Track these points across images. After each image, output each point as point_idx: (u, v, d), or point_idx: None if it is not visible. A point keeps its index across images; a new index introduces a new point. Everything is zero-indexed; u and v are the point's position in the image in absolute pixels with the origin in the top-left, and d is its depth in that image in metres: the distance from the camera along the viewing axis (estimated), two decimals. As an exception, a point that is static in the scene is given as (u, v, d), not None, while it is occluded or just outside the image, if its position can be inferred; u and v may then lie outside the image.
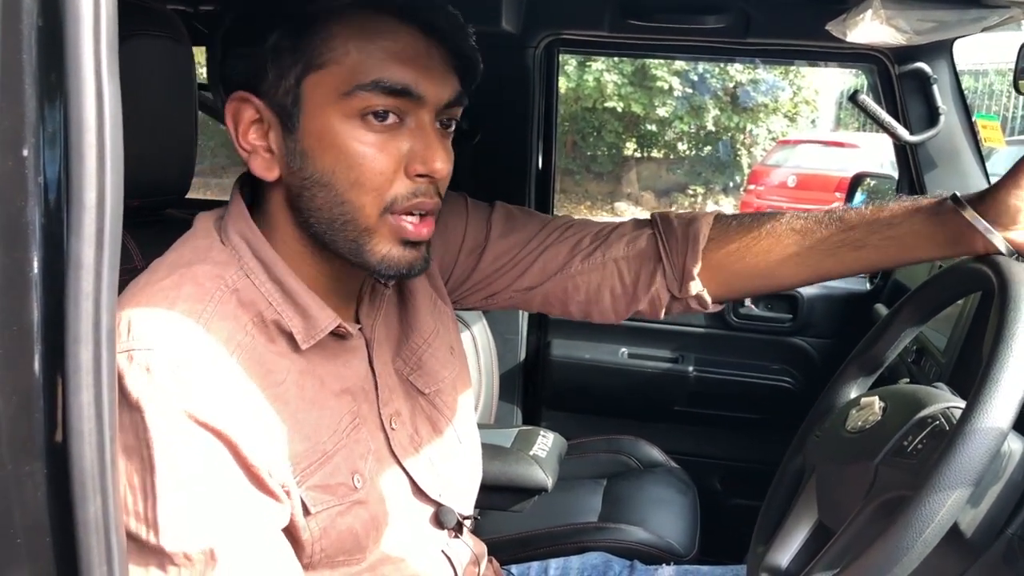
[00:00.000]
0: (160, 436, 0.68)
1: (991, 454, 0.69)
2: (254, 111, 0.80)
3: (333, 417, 0.83)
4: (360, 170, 0.78)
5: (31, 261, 0.52)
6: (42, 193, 0.52)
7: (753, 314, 2.17)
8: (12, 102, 0.50)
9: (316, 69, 0.77)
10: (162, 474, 0.69)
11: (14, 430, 0.53)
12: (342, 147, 0.78)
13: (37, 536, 0.54)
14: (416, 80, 0.78)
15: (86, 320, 0.53)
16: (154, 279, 0.77)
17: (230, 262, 0.80)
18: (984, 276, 0.83)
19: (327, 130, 0.78)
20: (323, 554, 0.81)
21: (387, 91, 0.77)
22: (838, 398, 1.02)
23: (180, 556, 0.69)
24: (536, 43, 2.09)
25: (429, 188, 0.81)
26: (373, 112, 0.77)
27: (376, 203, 0.79)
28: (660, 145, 12.63)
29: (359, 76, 0.76)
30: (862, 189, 2.25)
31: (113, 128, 0.52)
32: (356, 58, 0.76)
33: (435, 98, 0.80)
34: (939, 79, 1.86)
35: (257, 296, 0.80)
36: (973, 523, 0.76)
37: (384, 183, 0.79)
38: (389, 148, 0.78)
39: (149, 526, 0.69)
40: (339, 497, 0.81)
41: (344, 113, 0.77)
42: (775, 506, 0.99)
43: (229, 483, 0.72)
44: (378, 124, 0.78)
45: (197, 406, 0.70)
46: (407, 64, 0.77)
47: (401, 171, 0.79)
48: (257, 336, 0.78)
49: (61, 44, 0.50)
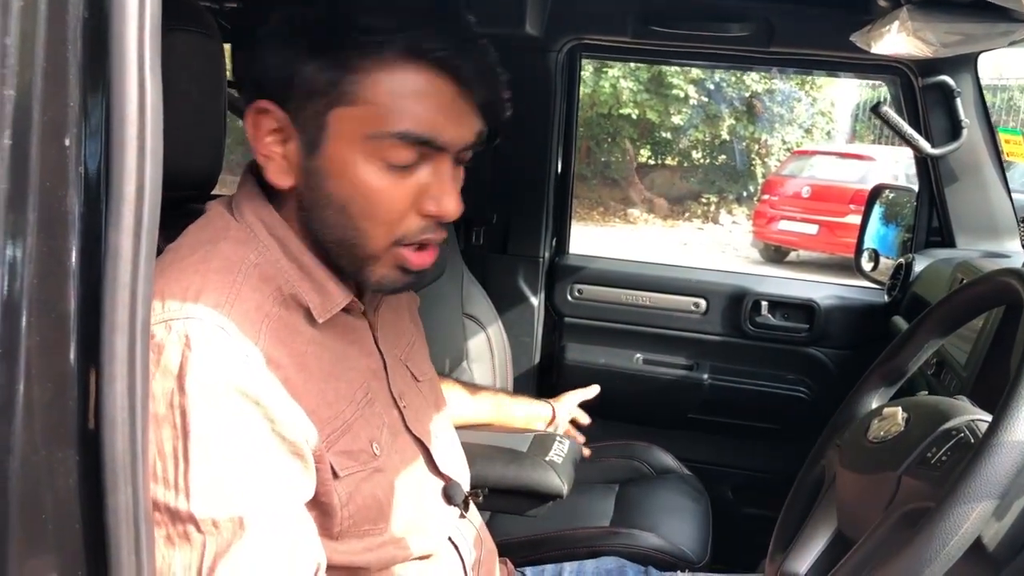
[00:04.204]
0: (197, 404, 0.70)
1: (1017, 467, 0.68)
2: (275, 121, 0.81)
3: (350, 388, 0.86)
4: (375, 205, 0.80)
5: (69, 250, 0.53)
6: (82, 183, 0.53)
7: (769, 323, 2.16)
8: (56, 93, 0.51)
9: (347, 104, 0.78)
10: (196, 441, 0.70)
11: (48, 417, 0.53)
12: (360, 181, 0.80)
13: (67, 522, 0.55)
14: (442, 130, 0.79)
15: (122, 310, 0.53)
16: (179, 257, 0.79)
17: (248, 240, 0.82)
18: (1012, 289, 0.83)
19: (348, 162, 0.79)
20: (351, 520, 0.83)
21: (412, 141, 0.78)
22: (860, 407, 1.01)
23: (208, 523, 0.70)
24: (559, 47, 2.09)
25: (438, 226, 0.84)
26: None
27: (387, 235, 0.82)
28: (674, 153, 12.62)
29: (388, 123, 0.78)
30: (881, 202, 2.23)
31: (154, 122, 0.53)
32: (386, 104, 0.78)
33: (457, 145, 0.82)
34: (963, 92, 1.85)
35: (275, 271, 0.82)
36: (996, 537, 0.75)
37: (397, 218, 0.81)
38: (405, 186, 0.81)
39: (179, 491, 0.70)
40: (361, 463, 0.84)
41: (368, 153, 0.79)
42: (794, 514, 0.98)
43: (262, 452, 0.74)
44: (399, 165, 0.80)
45: (234, 373, 0.72)
46: (434, 115, 0.79)
47: (414, 208, 0.82)
48: (280, 309, 0.80)
49: (106, 37, 0.51)
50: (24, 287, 0.51)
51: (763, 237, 9.47)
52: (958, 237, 1.97)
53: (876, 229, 2.24)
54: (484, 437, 1.43)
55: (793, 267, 9.06)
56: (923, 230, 2.05)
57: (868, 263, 2.20)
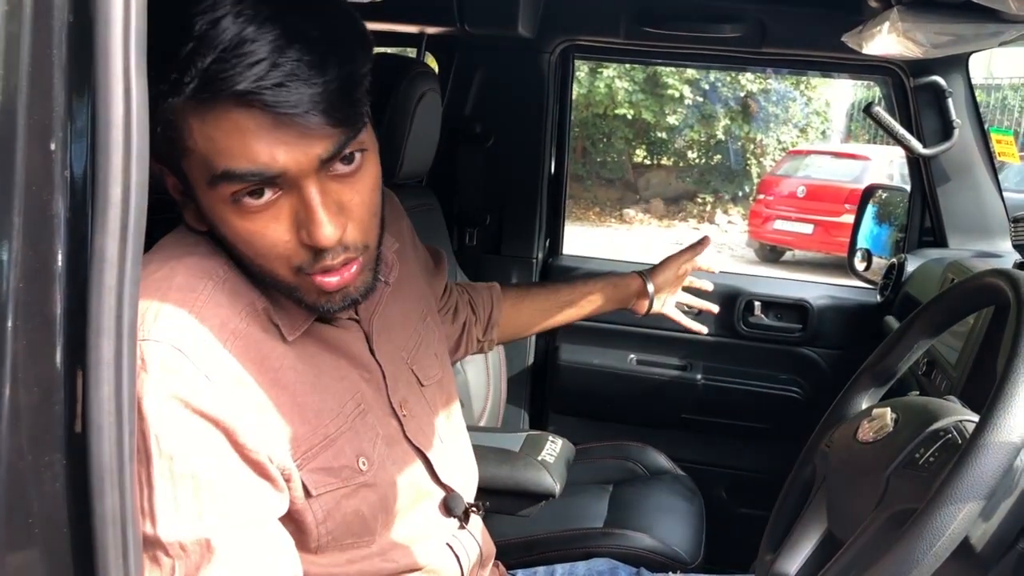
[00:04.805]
0: (156, 426, 0.69)
1: (1004, 468, 0.69)
2: (168, 178, 0.79)
3: (336, 402, 0.84)
4: (256, 247, 0.76)
5: (55, 254, 0.53)
6: (68, 187, 0.53)
7: (763, 323, 2.16)
8: (41, 97, 0.51)
9: (183, 155, 0.74)
10: (158, 464, 0.69)
11: (34, 421, 0.53)
12: (231, 228, 0.76)
13: (54, 527, 0.55)
14: (269, 162, 0.71)
15: (108, 314, 0.53)
16: (146, 272, 0.76)
17: (216, 254, 0.81)
18: (999, 290, 0.83)
19: (214, 211, 0.76)
20: (330, 536, 0.82)
21: (241, 179, 0.72)
22: (850, 408, 1.02)
23: (176, 547, 0.70)
24: (552, 48, 2.09)
25: (334, 250, 0.77)
26: (248, 192, 0.73)
27: (285, 267, 0.78)
28: (670, 153, 12.62)
29: (211, 167, 0.72)
30: (874, 201, 2.24)
31: (140, 125, 0.53)
32: (205, 148, 0.72)
33: (301, 167, 0.73)
34: (954, 92, 1.86)
35: (246, 287, 0.81)
36: (984, 537, 0.75)
37: (285, 251, 0.76)
38: (274, 223, 0.75)
39: (146, 516, 0.69)
40: (343, 480, 0.83)
41: (219, 199, 0.74)
42: (784, 514, 0.99)
43: (226, 472, 0.73)
44: (256, 204, 0.74)
45: (192, 395, 0.71)
46: (254, 148, 0.71)
47: (296, 239, 0.76)
48: (252, 324, 0.79)
49: (91, 41, 0.51)
50: (10, 291, 0.51)
51: (759, 237, 9.48)
52: (950, 237, 1.98)
53: (869, 229, 2.24)
54: (476, 437, 1.43)
55: (789, 267, 9.07)
56: (915, 230, 2.06)
57: (861, 263, 2.21)
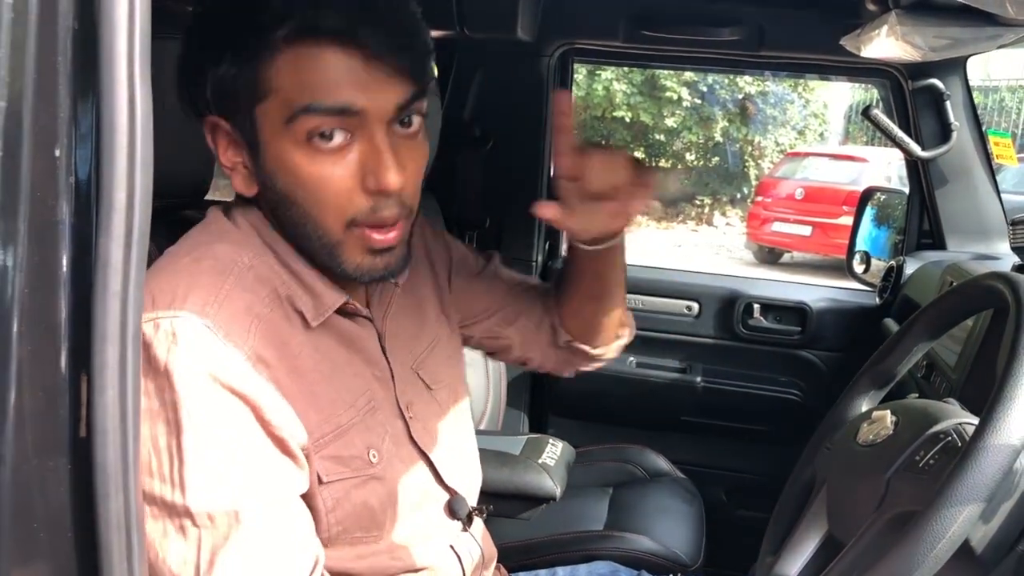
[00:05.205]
0: (187, 398, 0.71)
1: (1004, 471, 0.69)
2: (225, 133, 0.82)
3: (350, 394, 0.86)
4: (316, 192, 0.79)
5: (60, 259, 0.53)
6: (73, 192, 0.53)
7: (762, 326, 2.16)
8: (46, 103, 0.51)
9: (261, 99, 0.78)
10: (189, 435, 0.71)
11: (39, 426, 0.53)
12: (296, 171, 0.79)
13: (59, 532, 0.55)
14: (353, 98, 0.77)
15: (113, 319, 0.53)
16: (175, 258, 0.81)
17: (245, 242, 0.84)
18: (998, 293, 0.84)
19: (282, 155, 0.79)
20: (339, 527, 0.83)
21: (323, 112, 0.76)
22: (849, 411, 1.02)
23: (204, 516, 0.71)
24: (551, 52, 2.10)
25: (390, 201, 0.81)
26: (320, 134, 0.77)
27: (338, 219, 0.80)
28: (668, 155, 12.62)
29: (295, 102, 0.76)
30: (872, 204, 2.24)
31: (144, 130, 0.53)
32: (292, 86, 0.76)
33: (379, 111, 0.78)
34: (952, 95, 1.87)
35: (271, 274, 0.83)
36: (984, 539, 0.76)
37: (343, 201, 0.80)
38: (341, 168, 0.79)
39: (175, 486, 0.70)
40: (354, 470, 0.84)
41: (292, 139, 0.78)
42: (785, 516, 0.99)
43: (254, 446, 0.74)
44: (326, 146, 0.78)
45: (221, 370, 0.73)
46: (341, 85, 0.76)
47: (359, 187, 0.80)
48: (275, 310, 0.81)
49: (95, 47, 0.51)
50: (15, 296, 0.51)
51: (757, 239, 9.49)
52: (949, 239, 1.98)
53: (868, 231, 2.25)
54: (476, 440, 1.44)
55: (787, 269, 9.08)
56: (914, 232, 2.07)
57: (860, 265, 2.21)
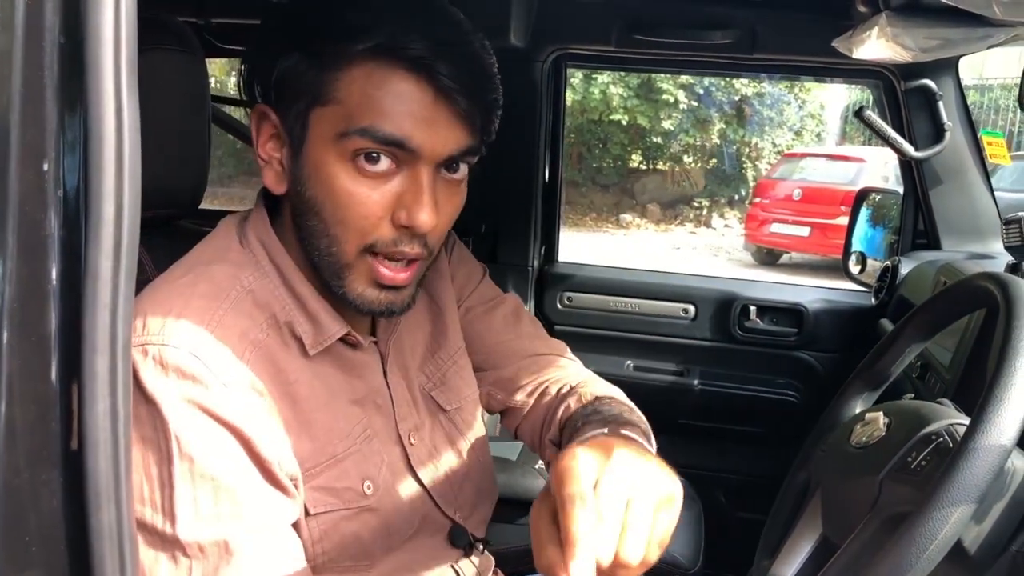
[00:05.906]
0: (177, 429, 0.70)
1: (995, 472, 0.69)
2: (272, 125, 0.81)
3: (347, 423, 0.84)
4: (345, 210, 0.78)
5: (49, 272, 0.53)
6: (61, 205, 0.53)
7: (758, 328, 2.16)
8: (34, 117, 0.51)
9: (323, 104, 0.77)
10: (179, 465, 0.70)
11: (31, 438, 0.53)
12: (331, 183, 0.78)
13: (51, 544, 0.55)
14: (411, 134, 0.76)
15: (103, 331, 0.53)
16: (172, 278, 0.80)
17: (247, 263, 0.82)
18: (989, 293, 0.84)
19: (323, 164, 0.78)
20: (326, 557, 0.82)
21: (377, 140, 0.75)
22: (843, 413, 1.02)
23: (195, 547, 0.70)
24: (544, 57, 2.10)
25: (414, 239, 0.80)
26: (366, 154, 0.76)
27: (357, 242, 0.79)
28: (665, 157, 12.65)
29: (354, 120, 0.75)
30: (867, 204, 2.25)
31: (132, 143, 0.53)
32: (357, 102, 0.75)
33: (433, 153, 0.77)
34: (944, 95, 1.87)
35: (272, 298, 0.81)
36: (977, 540, 0.76)
37: (368, 226, 0.78)
38: (377, 194, 0.78)
39: (165, 515, 0.70)
40: (345, 502, 0.82)
41: (338, 152, 0.77)
42: (780, 519, 0.99)
43: (244, 477, 0.73)
44: (370, 168, 0.77)
45: (210, 401, 0.72)
46: (404, 116, 0.75)
47: (388, 217, 0.78)
48: (272, 336, 0.80)
49: (82, 61, 0.51)
50: (4, 309, 0.51)
51: (755, 240, 9.50)
52: (943, 239, 1.98)
53: (863, 232, 2.25)
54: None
55: (786, 270, 9.09)
56: (909, 233, 2.07)
57: (855, 266, 2.21)
